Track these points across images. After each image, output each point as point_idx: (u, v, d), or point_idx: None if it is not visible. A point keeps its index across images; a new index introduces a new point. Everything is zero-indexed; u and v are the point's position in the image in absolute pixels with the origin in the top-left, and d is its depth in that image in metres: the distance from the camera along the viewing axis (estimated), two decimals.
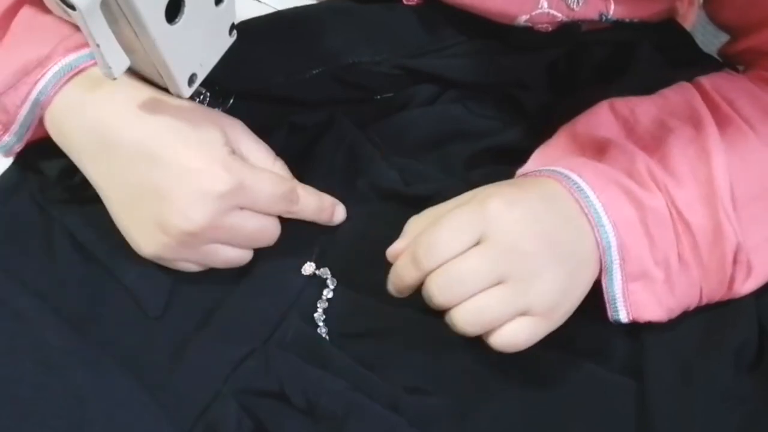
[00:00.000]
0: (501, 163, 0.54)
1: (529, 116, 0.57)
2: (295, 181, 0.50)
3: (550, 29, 0.57)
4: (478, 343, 0.44)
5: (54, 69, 0.47)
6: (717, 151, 0.46)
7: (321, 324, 0.50)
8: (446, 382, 0.46)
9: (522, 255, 0.42)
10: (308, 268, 0.51)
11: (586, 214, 0.44)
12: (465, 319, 0.42)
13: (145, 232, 0.46)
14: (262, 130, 0.51)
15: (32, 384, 0.45)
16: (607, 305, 0.46)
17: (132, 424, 0.45)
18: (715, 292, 0.46)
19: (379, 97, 0.58)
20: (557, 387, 0.47)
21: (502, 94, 0.58)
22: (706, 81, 0.52)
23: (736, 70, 0.57)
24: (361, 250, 0.52)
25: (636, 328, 0.47)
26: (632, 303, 0.45)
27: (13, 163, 0.54)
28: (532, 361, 0.46)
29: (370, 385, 0.46)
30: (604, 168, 0.46)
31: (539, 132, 0.52)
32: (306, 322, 0.49)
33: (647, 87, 0.53)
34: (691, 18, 0.67)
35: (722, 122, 0.48)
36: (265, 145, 0.50)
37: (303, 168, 0.54)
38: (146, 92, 0.47)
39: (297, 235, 0.51)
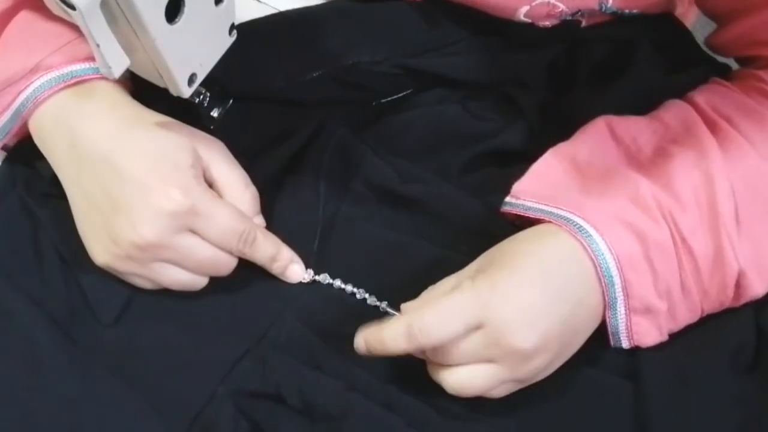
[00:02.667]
0: (497, 165, 0.54)
1: (528, 118, 0.57)
2: (256, 224, 0.49)
3: (550, 26, 0.57)
4: None
5: (38, 82, 0.48)
6: (720, 176, 0.46)
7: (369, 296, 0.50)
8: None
9: (514, 352, 0.43)
10: (306, 276, 0.51)
11: (589, 255, 0.45)
12: (454, 386, 0.44)
13: (99, 242, 0.47)
14: (261, 131, 0.51)
15: (25, 386, 0.46)
16: (610, 336, 0.46)
17: (125, 427, 0.45)
18: (715, 310, 0.47)
19: (375, 103, 0.59)
20: (554, 388, 0.47)
21: (502, 94, 0.58)
22: (700, 98, 0.51)
23: (727, 71, 0.57)
24: (359, 251, 0.52)
25: None
26: (635, 333, 0.46)
27: (4, 162, 0.54)
28: None
29: (366, 386, 0.46)
30: (607, 204, 0.46)
31: (536, 135, 0.52)
32: (303, 324, 0.49)
33: (646, 90, 0.53)
34: (692, 16, 0.67)
35: (723, 141, 0.48)
36: (241, 171, 0.50)
37: (294, 174, 0.54)
38: (130, 111, 0.48)
39: (292, 240, 0.51)
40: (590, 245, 0.44)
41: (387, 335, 0.44)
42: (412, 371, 0.47)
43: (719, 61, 0.60)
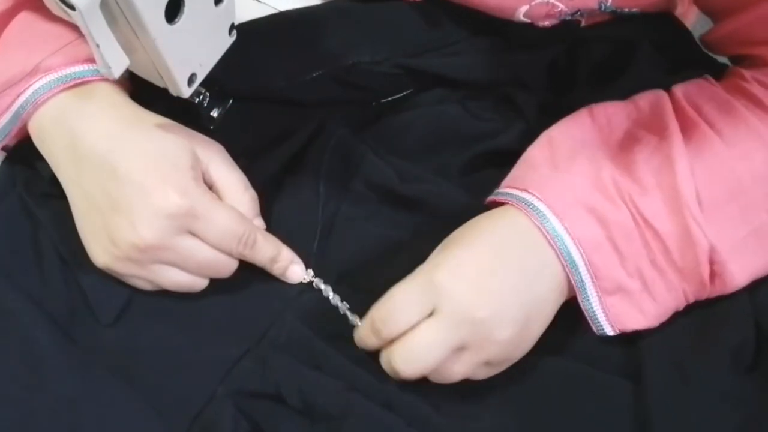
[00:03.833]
0: (497, 165, 0.54)
1: (527, 118, 0.57)
2: (256, 226, 0.50)
3: (550, 26, 0.57)
4: None
5: (37, 84, 0.48)
6: (681, 159, 0.46)
7: (348, 309, 0.50)
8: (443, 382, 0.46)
9: (474, 324, 0.44)
10: (306, 276, 0.51)
11: (548, 240, 0.45)
12: (435, 379, 0.45)
13: (99, 243, 0.47)
14: (261, 131, 0.51)
15: (25, 386, 0.46)
16: (590, 322, 0.47)
17: (125, 427, 0.45)
18: (700, 292, 0.47)
19: (375, 103, 0.59)
20: (555, 389, 0.47)
21: (502, 94, 0.58)
22: (679, 89, 0.52)
23: (725, 67, 0.57)
24: (359, 251, 0.52)
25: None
26: (613, 315, 0.46)
27: (4, 162, 0.54)
28: (530, 364, 0.47)
29: (366, 386, 0.46)
30: (568, 185, 0.47)
31: (536, 135, 0.52)
32: (303, 324, 0.49)
33: (646, 90, 0.53)
34: (691, 16, 0.67)
35: (688, 128, 0.48)
36: (240, 173, 0.50)
37: (294, 174, 0.54)
38: (129, 111, 0.48)
39: (292, 240, 0.51)
40: (548, 230, 0.45)
41: (361, 335, 0.47)
42: None
43: (719, 62, 0.60)
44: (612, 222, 0.45)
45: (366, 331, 0.46)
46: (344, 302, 0.50)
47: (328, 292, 0.51)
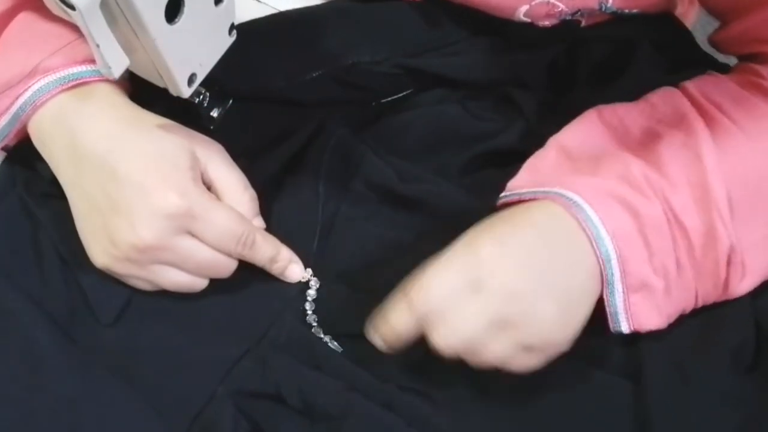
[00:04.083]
0: (497, 165, 0.54)
1: (527, 118, 0.57)
2: (255, 227, 0.49)
3: (550, 26, 0.57)
4: None
5: (36, 86, 0.48)
6: (709, 154, 0.46)
7: (315, 324, 0.50)
8: (442, 381, 0.46)
9: (519, 297, 0.43)
10: (306, 275, 0.51)
11: (584, 230, 0.45)
12: (471, 359, 0.44)
13: (98, 243, 0.47)
14: (261, 131, 0.51)
15: (25, 386, 0.46)
16: (609, 318, 0.46)
17: (125, 427, 0.45)
18: (709, 295, 0.47)
19: (375, 103, 0.59)
20: (553, 388, 0.47)
21: (502, 94, 0.58)
22: (692, 85, 0.52)
23: (727, 71, 0.57)
24: (359, 251, 0.52)
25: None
26: (633, 314, 0.46)
27: (4, 162, 0.55)
28: None
29: (366, 386, 0.46)
30: (599, 181, 0.46)
31: (536, 135, 0.53)
32: (301, 323, 0.49)
33: (646, 90, 0.53)
34: (692, 16, 0.67)
35: (710, 125, 0.48)
36: (240, 173, 0.50)
37: (293, 174, 0.54)
38: (129, 112, 0.48)
39: (291, 240, 0.51)
40: (584, 219, 0.44)
41: (391, 315, 0.45)
42: (413, 371, 0.47)
43: (720, 61, 0.60)
44: (644, 215, 0.45)
45: (400, 307, 0.44)
46: (315, 314, 0.50)
47: (310, 309, 0.51)
